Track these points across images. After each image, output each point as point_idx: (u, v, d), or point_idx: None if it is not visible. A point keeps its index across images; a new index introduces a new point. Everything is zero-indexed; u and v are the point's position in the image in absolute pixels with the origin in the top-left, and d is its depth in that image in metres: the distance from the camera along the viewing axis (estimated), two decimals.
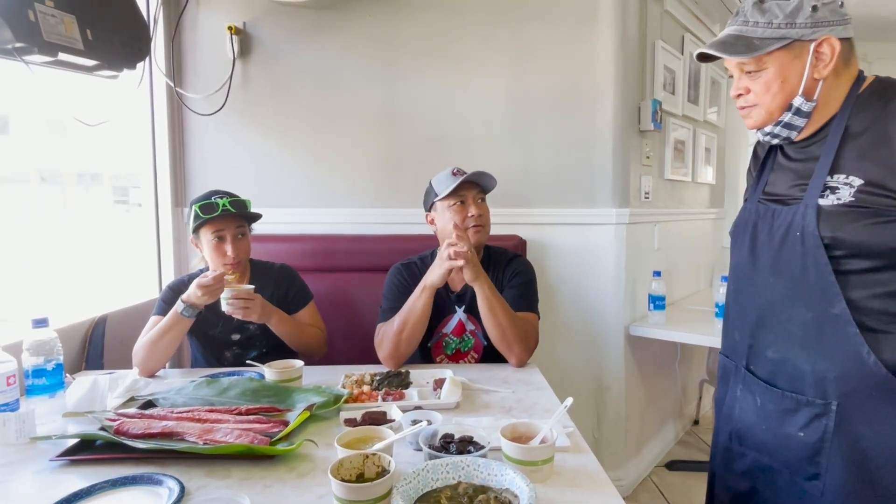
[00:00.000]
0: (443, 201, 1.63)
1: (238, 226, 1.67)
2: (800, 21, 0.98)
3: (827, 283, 0.98)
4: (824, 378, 1.00)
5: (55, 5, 1.55)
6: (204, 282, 1.52)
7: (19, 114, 2.13)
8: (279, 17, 2.22)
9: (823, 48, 0.99)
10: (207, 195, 1.66)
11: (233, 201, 1.64)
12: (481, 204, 1.67)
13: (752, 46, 1.00)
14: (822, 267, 0.98)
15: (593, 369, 2.34)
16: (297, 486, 0.96)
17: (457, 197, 1.63)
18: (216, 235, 1.63)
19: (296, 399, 1.29)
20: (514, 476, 0.87)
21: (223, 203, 1.62)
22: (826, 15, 0.98)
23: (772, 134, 1.07)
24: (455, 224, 1.55)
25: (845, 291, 0.97)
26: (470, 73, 2.24)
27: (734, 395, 1.17)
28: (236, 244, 1.64)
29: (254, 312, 1.57)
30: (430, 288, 1.54)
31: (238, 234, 1.66)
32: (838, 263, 0.98)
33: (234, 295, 1.54)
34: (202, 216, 1.60)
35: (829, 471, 1.00)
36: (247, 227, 1.72)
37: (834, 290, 0.97)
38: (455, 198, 1.63)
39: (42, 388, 1.29)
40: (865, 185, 0.96)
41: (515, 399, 1.36)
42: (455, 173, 1.63)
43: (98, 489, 0.93)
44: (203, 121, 2.25)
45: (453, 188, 1.60)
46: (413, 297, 1.56)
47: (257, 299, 1.58)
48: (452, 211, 1.63)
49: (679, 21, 2.71)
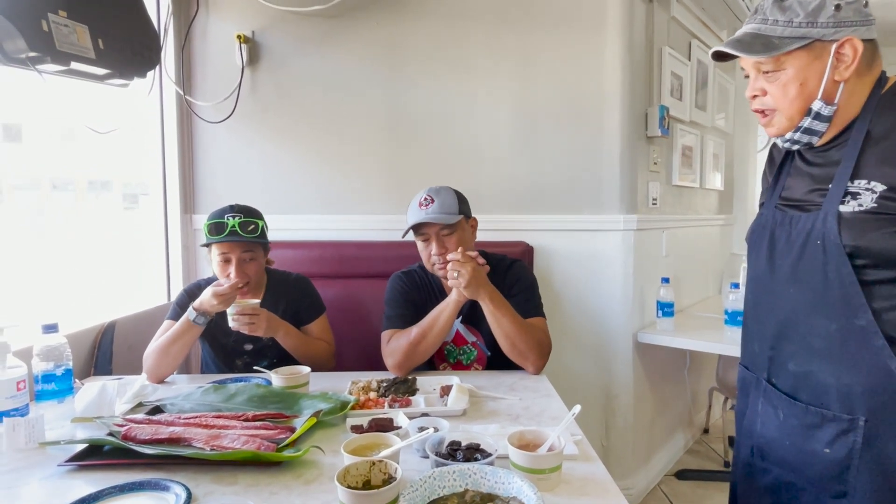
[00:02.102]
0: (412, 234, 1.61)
1: (245, 249, 1.64)
2: (822, 20, 0.94)
3: (851, 294, 0.94)
4: (850, 392, 0.96)
5: (68, 15, 1.58)
6: (219, 290, 1.53)
7: (32, 122, 2.16)
8: (287, 26, 2.24)
9: (845, 49, 0.95)
10: (221, 212, 1.63)
11: (242, 222, 1.60)
12: (448, 237, 1.57)
13: (771, 45, 0.96)
14: (845, 277, 0.94)
15: (601, 377, 2.33)
16: (304, 492, 0.95)
17: (419, 235, 1.59)
18: (222, 256, 1.62)
19: (302, 405, 1.29)
20: (521, 484, 0.86)
21: (232, 224, 1.59)
22: (849, 15, 0.95)
23: (792, 140, 1.03)
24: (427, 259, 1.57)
25: (869, 302, 0.93)
26: (477, 80, 2.25)
27: (755, 409, 1.13)
28: (241, 268, 1.62)
29: (259, 328, 1.56)
30: (455, 303, 1.52)
31: (245, 259, 1.64)
32: (861, 273, 0.94)
33: (239, 311, 1.54)
34: (208, 237, 1.60)
35: (856, 489, 0.96)
36: (257, 250, 1.68)
37: (859, 300, 0.94)
38: (418, 235, 1.60)
39: (51, 394, 1.30)
40: (888, 190, 0.92)
41: (523, 406, 1.35)
42: (421, 204, 1.57)
43: (105, 494, 0.93)
44: (212, 128, 2.27)
45: (410, 227, 1.57)
46: (436, 311, 1.54)
47: (262, 314, 1.57)
48: (420, 246, 1.61)
49: (686, 27, 2.71)
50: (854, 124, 0.99)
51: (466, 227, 1.63)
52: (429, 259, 1.60)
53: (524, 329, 1.52)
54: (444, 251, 1.55)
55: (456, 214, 1.58)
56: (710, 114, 3.01)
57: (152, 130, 2.26)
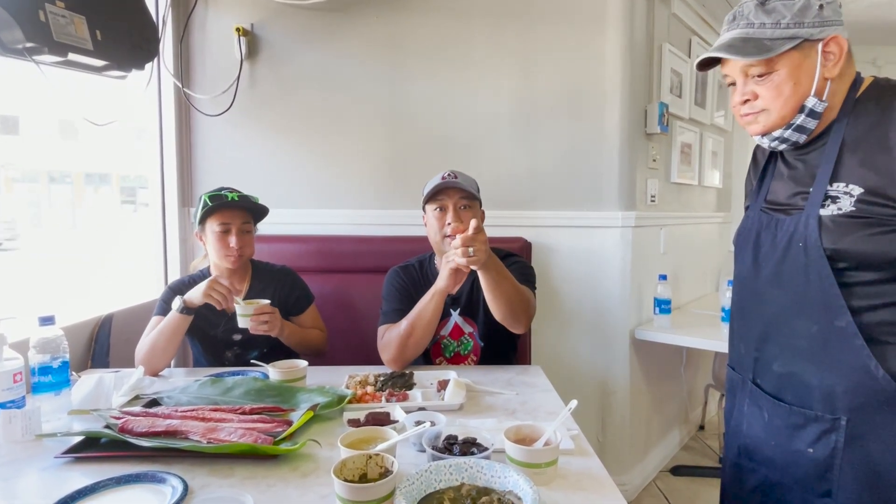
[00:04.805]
0: (429, 204, 1.62)
1: (245, 221, 1.69)
2: (808, 20, 0.96)
3: (831, 296, 0.96)
4: (832, 392, 0.98)
5: (65, 6, 1.57)
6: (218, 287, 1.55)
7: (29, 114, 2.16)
8: (287, 19, 2.23)
9: (831, 47, 0.97)
10: (218, 189, 1.70)
11: (241, 196, 1.68)
12: (464, 211, 1.58)
13: (764, 48, 0.97)
14: (825, 279, 0.96)
15: (598, 372, 2.33)
16: (300, 485, 0.96)
17: (436, 202, 1.60)
18: (222, 227, 1.65)
19: (300, 399, 1.29)
20: (517, 478, 0.86)
21: (231, 196, 1.66)
22: (830, 14, 0.97)
23: (780, 139, 1.03)
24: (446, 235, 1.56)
25: (850, 303, 0.95)
26: (477, 76, 2.24)
27: (741, 410, 1.15)
28: (241, 237, 1.66)
29: (275, 327, 1.58)
30: (440, 293, 1.52)
31: (244, 230, 1.68)
32: (842, 275, 0.95)
33: (257, 310, 1.55)
34: (210, 203, 1.63)
35: (840, 488, 0.98)
36: (253, 224, 1.73)
37: (838, 302, 0.95)
38: (435, 202, 1.60)
39: (48, 386, 1.30)
40: (865, 193, 0.93)
41: (519, 401, 1.35)
42: (444, 177, 1.60)
43: (102, 487, 0.93)
44: (210, 121, 2.26)
45: (430, 192, 1.59)
46: (423, 302, 1.54)
47: (276, 312, 1.59)
48: (434, 217, 1.61)
49: (686, 24, 2.70)
50: (832, 127, 1.01)
51: (480, 214, 1.66)
52: (440, 230, 1.58)
53: (521, 292, 1.52)
54: (459, 223, 1.55)
55: (477, 192, 1.63)
56: (710, 111, 3.01)
57: (150, 123, 2.26)
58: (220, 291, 1.56)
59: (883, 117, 0.96)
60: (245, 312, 1.55)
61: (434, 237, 1.62)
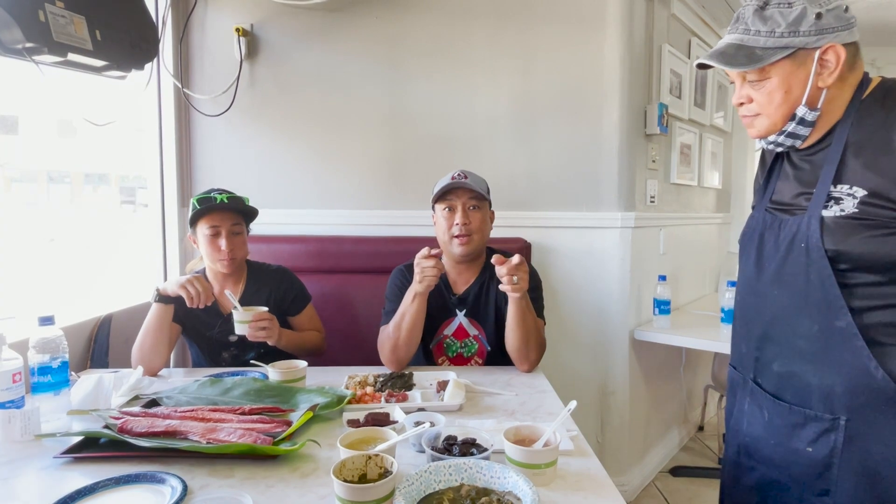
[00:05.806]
0: (438, 203, 1.62)
1: (234, 223, 1.67)
2: (803, 29, 0.94)
3: (832, 296, 0.96)
4: (831, 392, 0.98)
5: (65, 6, 1.57)
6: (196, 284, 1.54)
7: (28, 114, 2.15)
8: (286, 19, 2.23)
9: (828, 56, 0.96)
10: (207, 191, 1.68)
11: (230, 198, 1.66)
12: (473, 212, 1.59)
13: (754, 57, 0.97)
14: (826, 279, 0.96)
15: (598, 373, 2.33)
16: (300, 486, 0.96)
17: (445, 202, 1.60)
18: (211, 230, 1.64)
19: (299, 399, 1.29)
20: (517, 479, 0.86)
21: (220, 199, 1.64)
22: (830, 21, 0.95)
23: (776, 143, 1.05)
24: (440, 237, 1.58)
25: (850, 304, 0.95)
26: (476, 76, 2.24)
27: (742, 409, 1.15)
28: (231, 240, 1.65)
29: (273, 335, 1.58)
30: (420, 294, 1.53)
31: (234, 232, 1.67)
32: (843, 276, 0.96)
33: (256, 317, 1.54)
34: (198, 207, 1.62)
35: (838, 487, 0.98)
36: (244, 225, 1.72)
37: (839, 303, 0.95)
38: (444, 202, 1.60)
39: (47, 386, 1.29)
40: (869, 195, 0.93)
41: (519, 402, 1.35)
42: (454, 176, 1.60)
43: (101, 487, 0.93)
44: (210, 122, 2.26)
45: (439, 192, 1.59)
46: (405, 304, 1.55)
47: (274, 320, 1.59)
48: (442, 217, 1.61)
49: (686, 25, 2.71)
50: (837, 128, 1.00)
51: (489, 214, 1.66)
52: (448, 230, 1.59)
53: (540, 332, 1.56)
54: (468, 223, 1.57)
55: (486, 193, 1.62)
56: (709, 112, 3.01)
57: (150, 123, 2.25)
58: (196, 288, 1.54)
59: (887, 119, 0.95)
60: (243, 319, 1.54)
61: (442, 237, 1.62)
